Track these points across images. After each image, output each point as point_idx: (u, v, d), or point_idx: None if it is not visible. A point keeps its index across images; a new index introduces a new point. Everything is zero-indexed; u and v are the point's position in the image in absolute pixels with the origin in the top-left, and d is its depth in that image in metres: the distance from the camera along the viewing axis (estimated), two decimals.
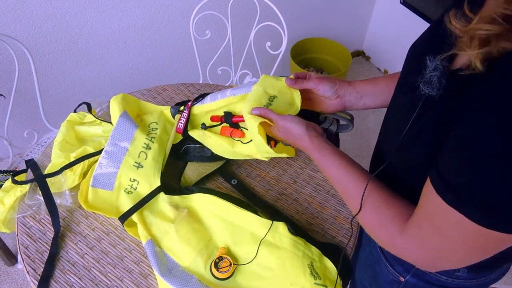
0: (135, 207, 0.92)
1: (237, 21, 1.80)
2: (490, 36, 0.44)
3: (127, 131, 0.98)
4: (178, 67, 2.11)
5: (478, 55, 0.45)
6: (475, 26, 0.45)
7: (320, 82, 0.84)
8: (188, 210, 0.93)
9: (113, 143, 0.96)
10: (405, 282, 0.76)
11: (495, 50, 0.44)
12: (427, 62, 0.54)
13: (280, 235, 0.87)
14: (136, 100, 1.12)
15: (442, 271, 0.70)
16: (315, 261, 0.84)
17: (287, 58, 2.29)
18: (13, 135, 1.56)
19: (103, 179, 0.95)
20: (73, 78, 1.85)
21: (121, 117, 0.99)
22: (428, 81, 0.52)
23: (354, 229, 0.96)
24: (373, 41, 2.69)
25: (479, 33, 0.45)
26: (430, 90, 0.52)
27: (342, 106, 0.87)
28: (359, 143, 2.27)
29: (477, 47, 0.45)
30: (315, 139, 0.75)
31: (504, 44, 0.43)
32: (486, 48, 0.44)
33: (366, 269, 0.87)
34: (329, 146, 0.75)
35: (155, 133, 1.02)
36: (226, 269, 0.83)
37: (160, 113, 1.09)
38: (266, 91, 0.87)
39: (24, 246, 0.89)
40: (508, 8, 0.43)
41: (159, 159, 0.98)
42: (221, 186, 1.04)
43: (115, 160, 0.95)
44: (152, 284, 0.85)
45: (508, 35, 0.43)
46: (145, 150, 0.97)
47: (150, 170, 0.96)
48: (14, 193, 0.95)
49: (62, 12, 1.62)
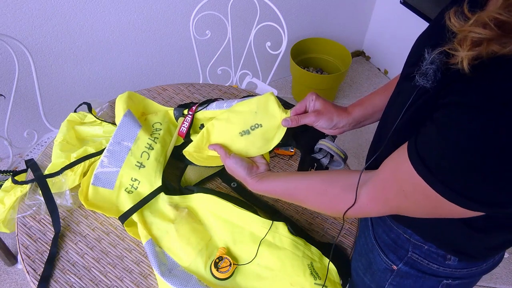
0: (135, 207, 0.92)
1: (237, 21, 1.80)
2: (482, 39, 0.46)
3: (131, 131, 0.98)
4: (178, 67, 2.11)
5: (466, 56, 0.47)
6: (468, 28, 0.47)
7: (318, 119, 0.81)
8: (188, 210, 0.93)
9: (116, 142, 0.96)
10: (397, 270, 0.77)
11: (485, 52, 0.46)
12: (425, 54, 0.56)
13: (280, 235, 0.87)
14: (142, 99, 1.12)
15: (432, 259, 0.72)
16: (315, 261, 0.84)
17: (287, 58, 2.29)
18: (13, 135, 1.56)
19: (104, 178, 0.95)
20: (73, 78, 1.85)
21: (125, 116, 0.99)
22: (424, 73, 0.55)
23: (354, 229, 0.96)
24: (373, 41, 2.69)
25: (471, 35, 0.47)
26: (425, 82, 0.55)
27: (340, 132, 0.86)
28: (359, 142, 2.27)
29: (468, 47, 0.47)
30: (256, 181, 0.80)
31: (494, 48, 0.45)
32: (476, 50, 0.47)
33: (361, 258, 0.87)
34: (271, 173, 0.81)
35: (158, 134, 1.01)
36: (226, 269, 0.83)
37: (165, 113, 1.09)
38: (256, 116, 0.85)
39: (24, 246, 0.89)
40: (502, 14, 0.44)
41: (161, 160, 0.98)
42: (220, 186, 1.04)
43: (117, 159, 0.96)
44: (152, 284, 0.85)
45: (499, 39, 0.45)
46: (148, 150, 0.97)
47: (151, 171, 0.96)
48: (15, 193, 0.95)
49: (62, 12, 1.62)
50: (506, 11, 0.44)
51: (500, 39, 0.45)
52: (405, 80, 0.65)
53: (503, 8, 0.44)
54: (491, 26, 0.45)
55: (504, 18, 0.44)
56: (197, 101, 1.24)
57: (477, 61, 0.47)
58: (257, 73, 1.76)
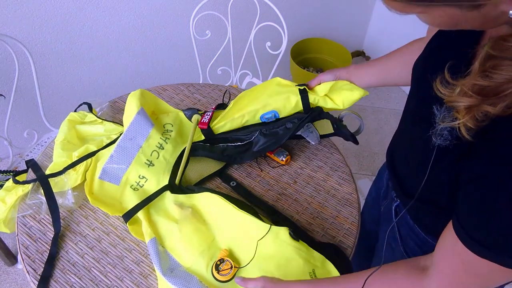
0: (139, 205, 0.92)
1: (237, 21, 1.80)
2: (470, 106, 0.48)
3: (143, 128, 0.98)
4: (178, 67, 2.11)
5: (463, 123, 0.49)
6: (455, 98, 0.49)
7: (323, 74, 1.00)
8: (192, 209, 0.92)
9: (128, 138, 0.97)
10: None
11: (479, 115, 0.48)
12: (434, 110, 0.57)
13: (281, 241, 0.85)
14: (154, 98, 1.12)
15: None
16: (318, 267, 0.83)
17: (287, 58, 2.29)
18: (13, 135, 1.56)
19: (111, 172, 0.96)
20: (73, 78, 1.85)
21: (138, 114, 0.99)
22: (439, 134, 0.56)
23: (354, 229, 0.96)
24: (373, 41, 2.69)
25: (458, 105, 0.49)
26: (442, 141, 0.56)
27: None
28: (359, 142, 2.27)
29: (463, 114, 0.49)
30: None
31: (486, 108, 0.47)
32: (470, 115, 0.48)
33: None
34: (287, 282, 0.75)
35: (169, 135, 1.03)
36: (227, 271, 0.82)
37: (176, 115, 1.09)
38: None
39: (24, 246, 0.89)
40: (479, 80, 0.46)
41: (171, 160, 0.99)
42: (220, 186, 1.04)
43: (127, 155, 0.96)
44: (152, 284, 0.85)
45: (485, 102, 0.47)
46: (158, 149, 0.98)
47: (160, 170, 0.97)
48: (16, 192, 0.95)
49: (62, 12, 1.62)
50: (483, 76, 0.46)
51: (486, 102, 0.46)
52: (414, 122, 0.68)
53: (480, 73, 0.46)
54: (470, 94, 0.47)
55: (482, 83, 0.46)
56: (197, 101, 1.24)
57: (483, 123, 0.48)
58: (257, 73, 1.76)
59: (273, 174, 1.07)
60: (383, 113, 2.43)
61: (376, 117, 2.40)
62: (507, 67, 0.44)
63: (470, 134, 0.50)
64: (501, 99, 0.45)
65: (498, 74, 0.45)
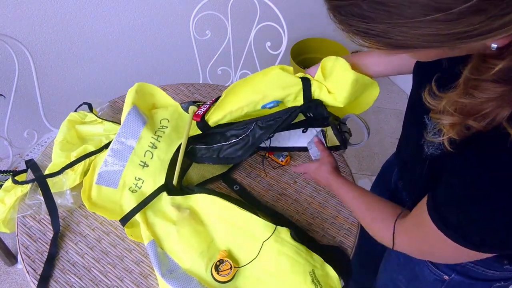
0: (136, 209, 0.91)
1: (237, 21, 1.80)
2: (453, 123, 0.51)
3: (134, 129, 0.98)
4: (178, 67, 2.11)
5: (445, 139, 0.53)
6: (439, 116, 0.53)
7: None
8: (190, 211, 0.92)
9: (119, 141, 0.96)
10: (449, 281, 0.78)
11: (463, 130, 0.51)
12: (425, 120, 0.61)
13: (282, 240, 0.85)
14: (154, 89, 1.10)
15: (489, 265, 0.73)
16: (317, 269, 0.83)
17: (287, 58, 2.28)
18: (13, 135, 1.56)
19: (108, 176, 0.95)
20: (73, 78, 1.85)
21: (128, 114, 0.99)
22: (431, 144, 0.60)
23: (354, 229, 0.96)
24: None
25: (442, 123, 0.52)
26: (434, 150, 0.60)
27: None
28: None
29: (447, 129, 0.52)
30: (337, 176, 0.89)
31: (470, 123, 0.49)
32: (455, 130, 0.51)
33: (402, 271, 0.89)
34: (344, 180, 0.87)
35: (163, 132, 1.00)
36: (227, 272, 0.82)
37: (175, 109, 1.07)
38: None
39: (24, 246, 0.89)
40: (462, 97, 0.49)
41: (166, 158, 0.97)
42: (220, 186, 1.04)
43: (120, 158, 0.96)
44: (152, 284, 0.85)
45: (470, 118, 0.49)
46: (151, 149, 0.97)
47: (156, 170, 0.96)
48: (15, 193, 0.95)
49: (62, 12, 1.62)
50: (465, 93, 0.49)
51: (469, 118, 0.49)
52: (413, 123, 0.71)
53: (463, 91, 0.49)
54: (451, 113, 0.51)
55: (463, 101, 0.49)
56: (197, 101, 1.24)
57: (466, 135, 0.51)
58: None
59: (273, 174, 1.07)
60: (383, 113, 2.43)
61: (376, 117, 2.40)
62: (487, 87, 0.47)
63: (452, 147, 0.53)
64: (483, 116, 0.48)
65: (479, 93, 0.48)
